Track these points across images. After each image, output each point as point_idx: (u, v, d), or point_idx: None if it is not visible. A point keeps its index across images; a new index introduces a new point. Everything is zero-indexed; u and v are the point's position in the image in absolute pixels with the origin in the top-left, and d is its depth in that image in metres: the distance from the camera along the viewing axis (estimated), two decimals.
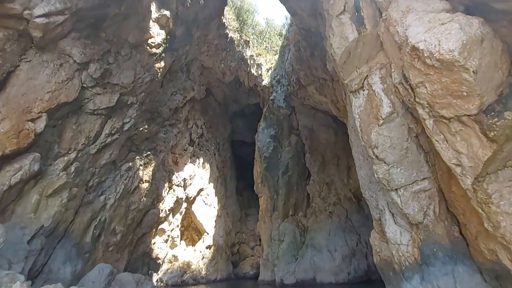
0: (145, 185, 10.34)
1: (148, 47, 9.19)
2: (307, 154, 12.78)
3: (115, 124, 8.31)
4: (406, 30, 2.56)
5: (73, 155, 7.23)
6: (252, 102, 20.06)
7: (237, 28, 15.06)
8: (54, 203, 6.76)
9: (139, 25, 8.78)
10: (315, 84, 11.44)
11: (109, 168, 8.73)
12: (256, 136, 14.39)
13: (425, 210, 3.08)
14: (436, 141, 2.61)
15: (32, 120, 6.17)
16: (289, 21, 14.99)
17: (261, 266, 12.28)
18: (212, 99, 18.28)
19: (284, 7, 11.28)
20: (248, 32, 16.66)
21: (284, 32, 16.74)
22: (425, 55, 2.37)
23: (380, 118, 3.25)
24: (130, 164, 9.68)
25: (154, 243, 12.40)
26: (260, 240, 16.56)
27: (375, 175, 3.40)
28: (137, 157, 10.10)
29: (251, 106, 21.51)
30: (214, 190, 16.65)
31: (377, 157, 3.33)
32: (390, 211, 3.64)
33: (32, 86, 6.20)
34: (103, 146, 8.12)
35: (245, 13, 15.95)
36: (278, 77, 14.97)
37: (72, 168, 7.18)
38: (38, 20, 5.80)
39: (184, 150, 14.85)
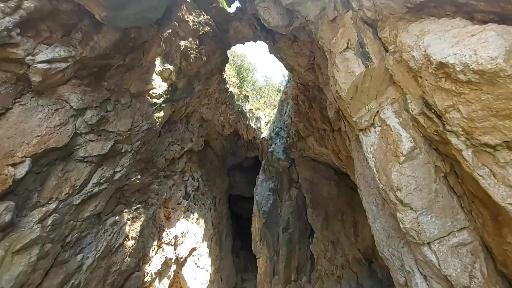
0: (130, 243, 9.28)
1: (149, 97, 9.27)
2: (309, 208, 11.98)
3: (105, 173, 7.79)
4: (425, 50, 2.33)
5: (53, 205, 6.53)
6: (251, 155, 19.93)
7: (237, 84, 15.77)
8: (20, 262, 5.80)
9: (142, 76, 9.00)
10: (314, 136, 11.36)
11: (92, 222, 7.89)
12: (254, 189, 13.74)
13: (469, 270, 2.43)
14: (480, 176, 2.14)
15: (13, 165, 5.69)
16: (286, 78, 15.83)
17: None
18: (210, 152, 18.10)
19: (282, 64, 11.96)
20: (248, 88, 17.44)
21: (282, 88, 17.56)
22: (457, 69, 2.06)
23: (401, 154, 2.83)
24: (117, 218, 8.84)
25: None
26: None
27: (401, 225, 2.82)
28: (126, 210, 9.30)
29: (250, 159, 21.33)
30: (207, 250, 15.16)
31: (401, 202, 2.80)
32: (421, 273, 2.95)
33: (21, 130, 5.89)
34: (88, 197, 7.45)
35: (245, 71, 16.94)
36: (277, 129, 15.07)
37: (50, 220, 6.40)
38: (39, 65, 5.82)
39: (178, 204, 13.97)
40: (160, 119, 9.87)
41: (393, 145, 2.85)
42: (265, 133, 15.62)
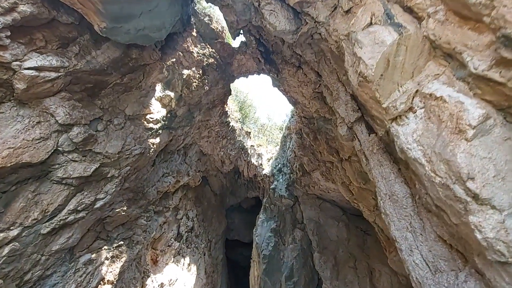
0: None
1: (145, 121, 8.75)
2: (316, 253, 10.53)
3: (85, 199, 6.85)
4: None
5: (14, 232, 5.48)
6: (251, 196, 18.77)
7: (239, 119, 15.49)
8: None
9: (140, 99, 8.61)
10: (320, 169, 10.53)
11: (62, 258, 6.67)
12: (254, 230, 12.39)
13: None
14: None
15: None
16: (289, 116, 15.60)
17: None
18: (208, 189, 17.04)
19: (285, 98, 11.78)
20: (250, 125, 17.16)
21: (285, 125, 17.25)
22: None
23: (468, 127, 2.03)
24: (93, 255, 7.58)
25: None
26: None
27: (478, 236, 1.90)
28: (105, 247, 8.06)
29: (250, 200, 20.09)
30: None
31: (476, 197, 1.92)
32: None
33: None
34: (61, 226, 6.39)
35: (247, 107, 16.85)
36: (279, 166, 14.29)
37: (6, 250, 5.29)
38: (26, 71, 5.39)
39: (168, 246, 12.50)
40: (155, 146, 9.21)
41: (452, 120, 2.09)
42: (266, 169, 14.80)
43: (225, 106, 13.35)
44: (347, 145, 6.66)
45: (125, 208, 8.45)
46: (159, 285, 10.92)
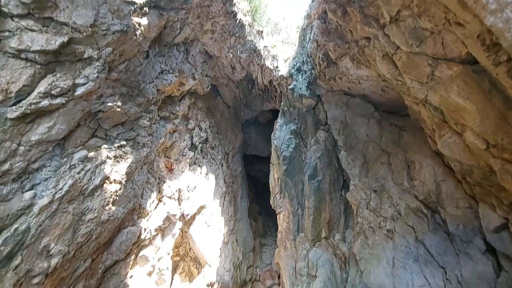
0: (113, 187, 7.22)
1: None
2: (342, 152, 9.37)
3: (59, 82, 5.52)
4: None
5: None
6: (267, 108, 17.28)
7: (248, 11, 12.80)
8: None
9: None
10: (350, 53, 8.45)
11: (50, 152, 5.76)
12: (272, 135, 11.26)
13: None
14: None
15: None
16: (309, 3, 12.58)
17: None
18: (220, 101, 15.67)
19: None
20: (261, 20, 14.40)
21: (302, 22, 14.33)
22: None
23: None
24: (91, 154, 6.70)
25: (131, 277, 8.89)
26: (279, 277, 12.54)
27: None
28: (105, 146, 7.15)
29: (266, 113, 18.75)
30: (220, 209, 13.20)
31: None
32: None
33: None
34: (34, 112, 5.25)
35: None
36: (298, 64, 12.21)
37: None
38: None
39: (183, 155, 11.86)
40: (142, 28, 7.35)
41: None
42: (283, 70, 12.80)
43: None
44: None
45: (119, 104, 7.21)
46: (176, 191, 10.62)
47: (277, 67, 13.59)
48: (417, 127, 8.72)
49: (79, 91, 5.88)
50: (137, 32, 7.09)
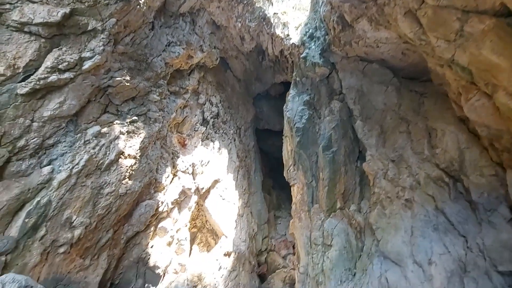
0: (128, 162, 7.31)
1: None
2: (358, 122, 9.02)
3: (65, 56, 5.41)
4: None
5: None
6: (279, 80, 16.71)
7: None
8: None
9: None
10: (368, 13, 7.79)
11: (63, 128, 5.81)
12: (284, 107, 10.96)
13: None
14: None
15: None
16: None
17: (297, 284, 8.58)
18: (230, 75, 15.28)
19: None
20: None
21: None
22: None
23: None
24: (104, 129, 6.72)
25: (152, 247, 9.32)
26: (294, 247, 12.84)
27: None
28: (117, 121, 7.15)
29: (278, 86, 18.19)
30: (234, 183, 13.36)
31: None
32: None
33: None
34: (44, 87, 5.21)
35: None
36: (310, 31, 11.52)
37: None
38: None
39: (195, 130, 11.84)
40: None
41: None
42: (295, 38, 12.15)
43: None
44: None
45: (128, 78, 7.09)
46: (190, 165, 10.74)
47: (288, 35, 12.90)
48: (440, 92, 8.17)
49: (86, 65, 5.77)
50: (140, 1, 6.76)
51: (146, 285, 9.03)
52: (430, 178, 6.97)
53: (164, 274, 9.54)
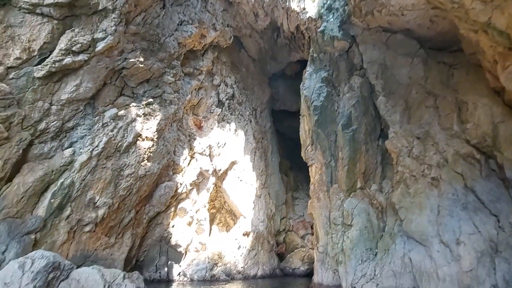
0: (146, 144, 7.39)
1: None
2: (381, 97, 8.53)
3: (78, 38, 5.35)
4: None
5: None
6: (295, 59, 16.09)
7: None
8: None
9: None
10: None
11: (82, 111, 5.87)
12: (301, 85, 10.56)
13: None
14: None
15: None
16: None
17: (316, 263, 8.59)
18: (244, 54, 14.88)
19: None
20: None
21: None
22: None
23: None
24: (121, 112, 6.76)
25: (173, 226, 9.61)
26: (312, 227, 12.83)
27: None
28: (133, 104, 7.16)
29: (294, 65, 17.54)
30: (251, 164, 13.34)
31: None
32: None
33: None
34: (60, 70, 5.22)
35: None
36: (328, 2, 10.79)
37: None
38: None
39: (210, 112, 11.77)
40: None
41: None
42: (311, 11, 11.48)
43: None
44: None
45: (141, 59, 7.01)
46: (207, 147, 10.76)
47: (304, 8, 12.19)
48: (471, 63, 7.49)
49: (100, 46, 5.71)
50: None
51: (168, 262, 9.40)
52: (459, 155, 6.53)
53: (185, 252, 9.88)
